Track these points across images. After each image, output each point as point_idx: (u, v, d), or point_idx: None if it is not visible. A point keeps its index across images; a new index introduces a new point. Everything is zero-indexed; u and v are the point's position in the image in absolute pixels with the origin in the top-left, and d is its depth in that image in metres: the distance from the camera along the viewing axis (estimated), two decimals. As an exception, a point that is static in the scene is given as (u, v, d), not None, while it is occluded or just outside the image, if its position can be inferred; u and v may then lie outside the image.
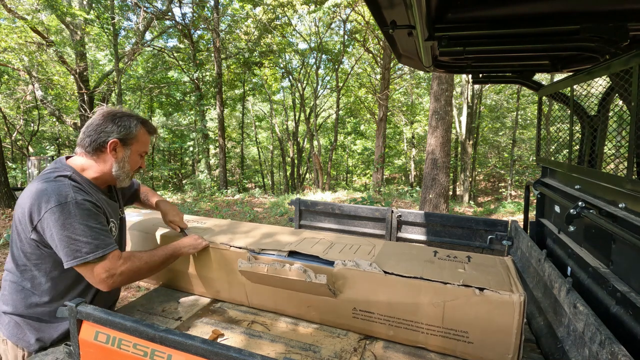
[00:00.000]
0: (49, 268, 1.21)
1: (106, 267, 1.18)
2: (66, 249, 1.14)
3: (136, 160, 1.38)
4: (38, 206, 1.14)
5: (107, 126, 1.28)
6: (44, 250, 1.19)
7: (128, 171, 1.36)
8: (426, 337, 1.23)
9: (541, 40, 1.60)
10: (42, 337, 1.23)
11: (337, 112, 15.76)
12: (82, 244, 1.14)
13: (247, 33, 14.10)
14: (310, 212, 2.91)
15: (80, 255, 1.14)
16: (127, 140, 1.32)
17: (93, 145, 1.28)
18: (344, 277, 1.29)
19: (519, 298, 1.09)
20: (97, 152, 1.29)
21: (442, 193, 6.99)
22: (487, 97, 18.06)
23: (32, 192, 1.16)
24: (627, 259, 1.22)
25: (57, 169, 1.25)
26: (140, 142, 1.36)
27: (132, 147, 1.34)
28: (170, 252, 1.42)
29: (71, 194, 1.16)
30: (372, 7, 1.31)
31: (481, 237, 2.41)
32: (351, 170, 24.11)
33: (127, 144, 1.32)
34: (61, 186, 1.18)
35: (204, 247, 1.49)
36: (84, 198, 1.19)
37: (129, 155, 1.34)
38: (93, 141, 1.27)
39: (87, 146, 1.28)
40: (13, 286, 1.23)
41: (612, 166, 1.44)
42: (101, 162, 1.30)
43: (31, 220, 1.15)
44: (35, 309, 1.22)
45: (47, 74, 11.94)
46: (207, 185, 13.64)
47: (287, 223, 6.83)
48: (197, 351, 0.77)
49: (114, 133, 1.29)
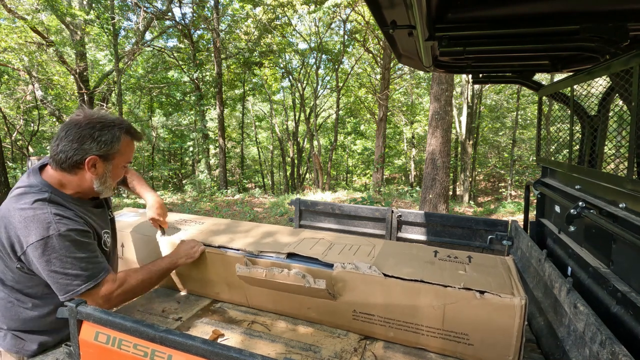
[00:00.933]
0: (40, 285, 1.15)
1: (102, 293, 1.14)
2: (56, 284, 1.08)
3: (119, 172, 1.26)
4: (18, 239, 1.06)
5: (84, 142, 1.12)
6: (32, 275, 1.12)
7: (110, 185, 1.24)
8: (426, 339, 1.23)
9: (541, 40, 1.60)
10: (44, 342, 1.21)
11: (337, 112, 15.75)
12: (71, 277, 1.08)
13: (247, 33, 14.10)
14: (310, 212, 2.91)
15: (72, 288, 1.09)
16: (109, 156, 1.18)
17: (68, 162, 1.13)
18: (343, 280, 1.29)
19: (520, 301, 1.08)
20: (74, 169, 1.15)
21: (442, 193, 6.98)
22: (487, 97, 18.06)
23: (10, 217, 1.07)
24: (628, 259, 1.22)
25: (33, 188, 1.13)
26: (124, 153, 1.23)
27: (115, 160, 1.20)
28: (166, 266, 1.38)
29: (53, 225, 1.06)
30: (372, 7, 1.30)
31: (481, 237, 2.41)
32: (351, 170, 24.11)
33: (108, 159, 1.18)
34: (40, 215, 1.06)
35: (200, 254, 1.48)
36: (68, 228, 1.08)
37: (110, 170, 1.21)
38: (68, 158, 1.12)
39: (62, 163, 1.13)
40: (2, 303, 1.16)
41: (612, 166, 1.44)
42: (79, 179, 1.17)
43: (14, 251, 1.07)
44: (34, 322, 1.17)
45: (47, 74, 11.94)
46: (207, 185, 13.63)
47: (287, 223, 6.83)
48: (197, 351, 0.77)
49: (92, 150, 1.13)
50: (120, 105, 11.75)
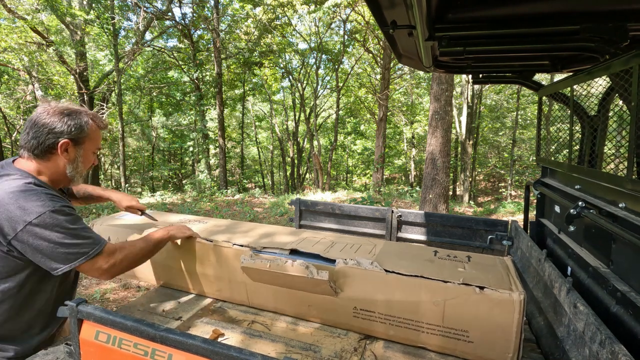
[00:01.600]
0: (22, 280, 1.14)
1: (104, 260, 1.18)
2: (57, 257, 1.10)
3: (90, 158, 1.30)
4: (10, 221, 1.06)
5: (54, 126, 1.17)
6: (18, 262, 1.12)
7: (82, 171, 1.28)
8: (426, 337, 1.23)
9: (541, 40, 1.60)
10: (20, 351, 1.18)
11: (337, 112, 15.76)
12: (73, 246, 1.12)
13: (247, 33, 14.10)
14: (310, 212, 2.91)
15: (74, 257, 1.12)
16: (79, 139, 1.23)
17: (41, 147, 1.17)
18: (345, 275, 1.30)
19: (519, 296, 1.09)
20: (47, 155, 1.19)
21: (442, 193, 6.99)
22: (487, 97, 18.06)
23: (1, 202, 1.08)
24: (627, 259, 1.22)
25: (14, 175, 1.15)
26: (93, 139, 1.28)
27: (85, 145, 1.25)
28: (160, 236, 1.42)
29: (47, 202, 1.10)
30: (373, 7, 1.31)
31: (481, 237, 2.41)
32: (351, 170, 24.11)
33: (79, 143, 1.23)
34: (33, 195, 1.10)
35: (190, 234, 1.52)
36: (61, 204, 1.13)
37: (82, 155, 1.26)
38: (40, 143, 1.16)
39: (35, 149, 1.17)
40: None
41: (612, 166, 1.44)
42: (53, 165, 1.21)
43: (3, 234, 1.07)
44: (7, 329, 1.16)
45: (47, 74, 11.94)
46: (207, 185, 13.63)
47: (287, 223, 6.83)
48: (197, 350, 0.77)
49: (64, 134, 1.18)
50: (120, 105, 11.76)
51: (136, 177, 19.76)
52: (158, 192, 11.67)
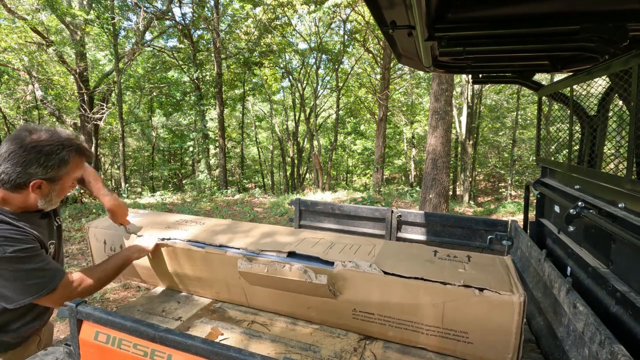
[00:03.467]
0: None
1: (62, 292, 1.16)
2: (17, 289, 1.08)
3: (67, 189, 1.22)
4: None
5: (29, 166, 1.08)
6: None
7: (56, 202, 1.22)
8: (426, 338, 1.23)
9: (541, 40, 1.60)
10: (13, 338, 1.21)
11: (337, 112, 15.75)
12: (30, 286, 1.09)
13: (247, 33, 14.09)
14: (310, 212, 2.91)
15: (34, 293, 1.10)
16: (55, 178, 1.14)
17: (11, 183, 1.09)
18: (343, 278, 1.29)
19: (519, 298, 1.09)
20: (17, 190, 1.12)
21: (442, 193, 6.98)
22: (487, 97, 18.06)
23: None
24: (627, 259, 1.22)
25: None
26: (72, 173, 1.20)
27: (62, 181, 1.18)
28: (121, 262, 1.41)
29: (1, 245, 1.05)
30: (372, 7, 1.31)
31: (481, 237, 2.41)
32: (351, 170, 24.10)
33: (54, 181, 1.15)
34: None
35: (151, 249, 1.53)
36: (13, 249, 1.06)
37: (57, 190, 1.18)
38: (11, 180, 1.09)
39: (5, 183, 1.10)
40: None
41: (612, 166, 1.44)
42: (22, 198, 1.14)
43: None
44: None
45: (47, 74, 11.92)
46: (207, 185, 13.62)
47: (287, 223, 6.83)
48: (197, 351, 0.77)
49: (37, 174, 1.10)
50: (120, 105, 11.76)
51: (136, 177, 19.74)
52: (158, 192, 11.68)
